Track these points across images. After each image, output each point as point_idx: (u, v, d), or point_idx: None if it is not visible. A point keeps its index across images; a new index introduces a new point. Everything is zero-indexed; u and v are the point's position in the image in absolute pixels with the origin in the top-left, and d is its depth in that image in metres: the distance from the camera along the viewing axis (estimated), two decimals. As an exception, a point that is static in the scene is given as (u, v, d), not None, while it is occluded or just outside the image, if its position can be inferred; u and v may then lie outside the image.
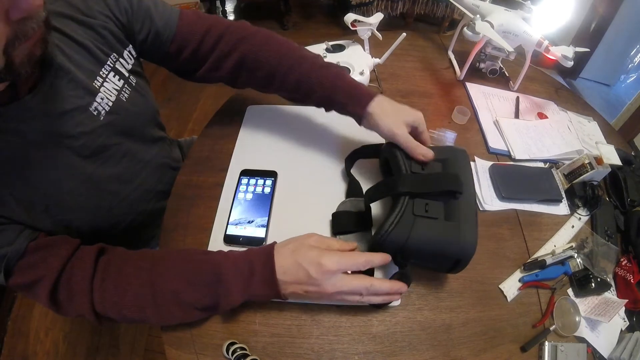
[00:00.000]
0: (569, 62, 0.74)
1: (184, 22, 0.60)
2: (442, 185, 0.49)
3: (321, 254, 0.45)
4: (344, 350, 0.49)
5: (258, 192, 0.61)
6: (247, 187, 0.62)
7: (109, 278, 0.45)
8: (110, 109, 0.53)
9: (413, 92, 0.85)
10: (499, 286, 0.56)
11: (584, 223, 0.65)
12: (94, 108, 0.50)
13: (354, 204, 0.60)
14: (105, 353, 1.17)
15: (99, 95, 0.51)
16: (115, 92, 0.54)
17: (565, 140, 0.77)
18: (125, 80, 0.56)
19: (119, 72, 0.55)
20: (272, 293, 0.45)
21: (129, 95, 0.56)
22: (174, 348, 0.48)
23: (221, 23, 0.62)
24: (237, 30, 0.62)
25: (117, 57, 0.55)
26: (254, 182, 0.62)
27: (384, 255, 0.48)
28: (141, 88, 0.60)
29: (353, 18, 0.76)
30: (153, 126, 0.67)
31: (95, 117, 0.51)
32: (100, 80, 0.51)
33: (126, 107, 0.56)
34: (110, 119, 0.53)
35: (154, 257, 0.48)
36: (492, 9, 0.79)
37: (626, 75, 2.22)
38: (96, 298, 0.44)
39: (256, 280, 0.45)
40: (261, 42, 0.61)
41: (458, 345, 0.50)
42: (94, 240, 0.50)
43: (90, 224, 0.55)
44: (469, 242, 0.47)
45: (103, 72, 0.52)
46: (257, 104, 0.76)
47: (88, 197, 0.52)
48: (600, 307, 0.54)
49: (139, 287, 0.45)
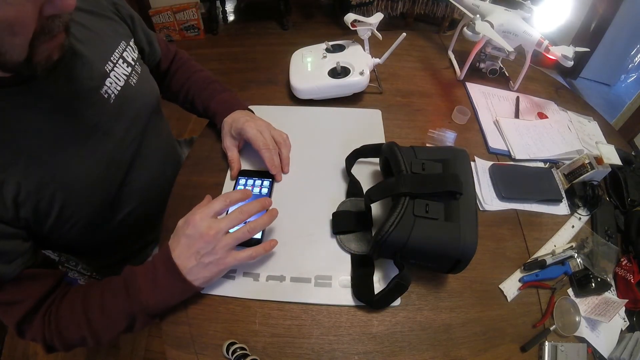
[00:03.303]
0: (569, 62, 0.73)
1: (162, 46, 0.73)
2: (442, 186, 0.49)
3: (186, 216, 0.49)
4: (344, 350, 0.49)
5: (255, 193, 0.61)
6: (245, 188, 0.61)
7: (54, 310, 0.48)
8: (119, 92, 0.55)
9: (413, 92, 0.85)
10: (499, 286, 0.56)
11: (584, 223, 0.65)
12: (104, 91, 0.53)
13: (354, 204, 0.60)
14: (105, 353, 1.17)
15: (108, 79, 0.53)
16: (124, 76, 0.56)
17: (565, 140, 0.77)
18: (132, 67, 0.59)
19: (126, 60, 0.58)
20: (178, 279, 0.47)
21: (137, 80, 0.59)
22: (174, 348, 0.48)
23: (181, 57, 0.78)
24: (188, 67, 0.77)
25: (126, 45, 0.59)
26: (252, 182, 0.62)
27: (244, 190, 0.51)
28: (146, 75, 0.64)
29: (353, 18, 0.76)
30: (158, 113, 0.69)
31: (105, 99, 0.53)
32: (110, 65, 0.54)
33: (134, 91, 0.58)
34: (120, 102, 0.55)
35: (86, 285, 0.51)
36: (492, 9, 0.79)
37: (626, 75, 2.22)
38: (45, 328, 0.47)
39: (160, 273, 0.47)
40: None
41: (458, 345, 0.50)
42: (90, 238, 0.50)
43: (91, 215, 0.55)
44: (469, 242, 0.47)
45: (113, 57, 0.55)
46: (257, 104, 0.76)
47: (96, 180, 0.52)
48: (600, 307, 0.54)
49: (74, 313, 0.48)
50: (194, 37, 2.43)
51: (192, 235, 0.46)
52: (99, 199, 0.54)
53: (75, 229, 0.53)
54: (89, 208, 0.53)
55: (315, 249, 0.56)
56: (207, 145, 0.71)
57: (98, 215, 0.56)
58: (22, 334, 0.48)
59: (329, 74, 0.76)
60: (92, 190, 0.52)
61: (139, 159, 0.61)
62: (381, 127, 0.75)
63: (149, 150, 0.63)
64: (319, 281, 0.53)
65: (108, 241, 0.64)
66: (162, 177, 0.69)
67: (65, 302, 0.48)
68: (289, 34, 2.46)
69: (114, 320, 0.47)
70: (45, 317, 0.47)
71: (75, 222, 0.52)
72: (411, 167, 0.52)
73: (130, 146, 0.58)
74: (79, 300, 0.48)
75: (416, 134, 0.75)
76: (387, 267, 0.55)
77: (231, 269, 0.53)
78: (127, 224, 0.63)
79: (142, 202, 0.64)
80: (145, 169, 0.63)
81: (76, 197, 0.50)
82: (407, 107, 0.81)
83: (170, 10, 2.28)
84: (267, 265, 0.55)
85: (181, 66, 0.77)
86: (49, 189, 0.46)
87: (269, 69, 0.88)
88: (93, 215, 0.55)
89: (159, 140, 0.68)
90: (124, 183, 0.59)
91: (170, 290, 0.47)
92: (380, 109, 0.78)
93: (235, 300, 0.52)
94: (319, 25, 2.55)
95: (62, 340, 0.47)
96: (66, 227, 0.52)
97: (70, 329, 0.47)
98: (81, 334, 0.47)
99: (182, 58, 0.78)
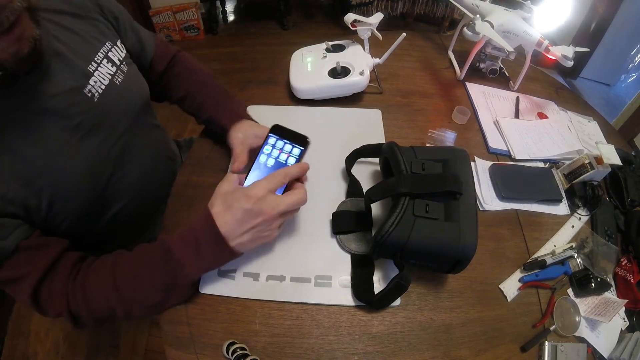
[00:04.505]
0: (569, 62, 0.73)
1: (159, 48, 0.72)
2: (442, 186, 0.49)
3: (244, 189, 0.46)
4: (344, 350, 0.49)
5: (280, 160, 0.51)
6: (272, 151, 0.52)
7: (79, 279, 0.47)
8: (104, 91, 0.55)
9: (413, 92, 0.85)
10: (499, 286, 0.56)
11: (584, 223, 0.65)
12: (87, 90, 0.53)
13: (354, 204, 0.60)
14: (105, 353, 1.17)
15: (92, 79, 0.54)
16: (108, 76, 0.57)
17: (565, 140, 0.77)
18: (117, 67, 0.59)
19: (111, 60, 0.58)
20: (224, 250, 0.46)
21: (122, 79, 0.59)
22: (174, 348, 0.48)
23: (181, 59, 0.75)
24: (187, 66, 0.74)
25: (111, 45, 0.59)
26: (281, 145, 0.52)
27: (300, 165, 0.49)
28: (133, 74, 0.63)
29: (353, 18, 0.76)
30: (147, 111, 0.68)
31: (89, 98, 0.53)
32: (94, 65, 0.55)
33: (119, 90, 0.58)
34: (105, 100, 0.55)
35: (115, 254, 0.50)
36: (492, 9, 0.79)
37: (626, 75, 2.22)
38: (70, 299, 0.46)
39: (204, 244, 0.46)
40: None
41: (458, 345, 0.50)
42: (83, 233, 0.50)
43: (81, 210, 0.55)
44: (469, 242, 0.47)
45: (97, 57, 0.55)
46: (257, 104, 0.76)
47: (82, 177, 0.53)
48: (600, 307, 0.54)
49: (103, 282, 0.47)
50: (194, 37, 2.42)
51: (253, 210, 0.44)
52: (86, 195, 0.55)
53: (66, 223, 0.54)
54: (78, 203, 0.54)
55: (315, 249, 0.57)
56: (207, 145, 0.71)
57: (88, 211, 0.56)
58: (44, 310, 0.48)
59: (329, 74, 0.76)
60: (78, 186, 0.52)
61: (127, 157, 0.61)
62: (381, 127, 0.75)
63: (138, 147, 0.64)
64: (319, 281, 0.53)
65: (101, 237, 0.64)
66: (154, 174, 0.69)
67: (94, 272, 0.48)
68: (289, 34, 2.45)
69: (148, 292, 0.47)
70: (69, 287, 0.46)
71: (65, 216, 0.53)
72: (411, 167, 0.52)
73: (116, 144, 0.58)
74: (109, 270, 0.48)
75: (416, 134, 0.75)
76: (387, 267, 0.55)
77: (231, 269, 0.54)
78: (120, 220, 0.64)
79: (133, 199, 0.65)
80: (134, 166, 0.63)
81: (63, 193, 0.50)
82: (407, 107, 0.81)
83: (170, 10, 2.28)
84: (267, 265, 0.55)
85: (181, 71, 0.74)
86: (35, 185, 0.47)
87: (269, 69, 0.88)
88: (83, 210, 0.55)
89: (148, 138, 0.68)
90: (111, 180, 0.59)
91: (215, 258, 0.48)
92: (380, 109, 0.78)
93: (235, 300, 0.52)
94: (319, 25, 2.54)
95: (90, 311, 0.47)
96: (57, 221, 0.52)
97: (100, 300, 0.47)
98: (110, 305, 0.47)
99: (183, 61, 0.75)
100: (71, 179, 0.51)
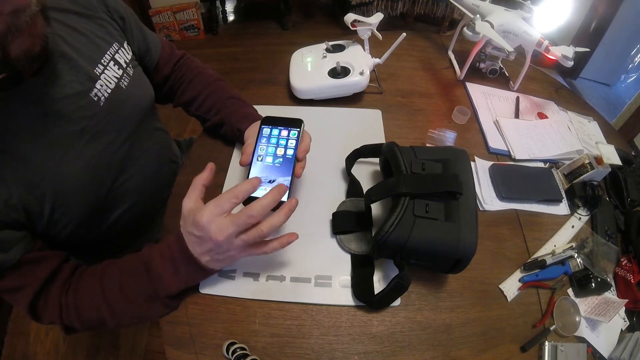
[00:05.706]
0: (569, 62, 0.74)
1: (165, 51, 0.71)
2: (442, 186, 0.49)
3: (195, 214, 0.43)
4: (344, 350, 0.49)
5: (278, 154, 0.51)
6: (270, 140, 0.52)
7: (71, 292, 0.48)
8: (110, 95, 0.54)
9: (413, 92, 0.85)
10: (499, 286, 0.56)
11: (584, 223, 0.65)
12: (94, 94, 0.52)
13: (354, 204, 0.60)
14: (105, 353, 1.17)
15: (98, 82, 0.53)
16: (115, 79, 0.56)
17: (565, 140, 0.77)
18: (123, 70, 0.58)
19: (118, 63, 0.57)
20: (198, 268, 0.46)
21: (128, 83, 0.58)
22: (174, 348, 0.48)
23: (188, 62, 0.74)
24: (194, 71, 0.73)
25: (118, 46, 0.58)
26: (277, 133, 0.53)
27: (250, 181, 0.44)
28: (139, 77, 0.63)
29: (353, 18, 0.76)
30: (151, 115, 0.68)
31: (95, 102, 0.52)
32: (101, 68, 0.54)
33: (125, 94, 0.58)
34: (110, 105, 0.54)
35: (103, 265, 0.51)
36: (492, 9, 0.79)
37: (626, 75, 2.22)
38: (63, 310, 0.47)
39: (179, 261, 0.46)
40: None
41: (458, 345, 0.50)
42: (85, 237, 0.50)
43: (83, 214, 0.55)
44: (469, 242, 0.47)
45: (104, 60, 0.54)
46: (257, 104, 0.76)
47: (85, 182, 0.52)
48: (600, 307, 0.54)
49: (93, 293, 0.48)
50: (194, 37, 2.42)
51: (202, 237, 0.43)
52: (89, 200, 0.54)
53: (69, 228, 0.53)
54: (81, 209, 0.53)
55: (315, 249, 0.56)
56: (207, 145, 0.71)
57: (91, 215, 0.56)
58: (39, 319, 0.48)
59: (329, 74, 0.76)
60: (81, 191, 0.52)
61: (130, 161, 0.60)
62: (381, 127, 0.75)
63: (142, 151, 0.63)
64: (319, 281, 0.53)
65: (104, 240, 0.63)
66: (157, 177, 0.69)
67: (83, 283, 0.49)
68: (289, 34, 2.45)
69: (134, 303, 0.48)
70: (62, 299, 0.47)
71: (68, 222, 0.53)
72: (411, 167, 0.52)
73: (120, 148, 0.58)
74: (97, 281, 0.48)
75: (416, 134, 0.75)
76: (387, 267, 0.55)
77: (231, 270, 0.54)
78: (123, 223, 0.63)
79: (136, 202, 0.64)
80: (138, 170, 0.63)
81: (66, 198, 0.50)
82: (407, 107, 0.81)
83: (170, 10, 2.28)
84: (267, 265, 0.55)
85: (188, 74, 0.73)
86: (39, 190, 0.47)
87: (269, 69, 0.88)
88: (85, 215, 0.55)
89: (152, 141, 0.67)
90: (115, 184, 0.58)
91: (192, 275, 0.48)
92: (380, 109, 0.78)
93: (235, 300, 0.52)
94: (319, 25, 2.54)
95: (81, 321, 0.48)
96: (59, 227, 0.52)
97: (90, 310, 0.47)
98: (100, 315, 0.47)
99: (190, 64, 0.74)
100: (74, 184, 0.50)
